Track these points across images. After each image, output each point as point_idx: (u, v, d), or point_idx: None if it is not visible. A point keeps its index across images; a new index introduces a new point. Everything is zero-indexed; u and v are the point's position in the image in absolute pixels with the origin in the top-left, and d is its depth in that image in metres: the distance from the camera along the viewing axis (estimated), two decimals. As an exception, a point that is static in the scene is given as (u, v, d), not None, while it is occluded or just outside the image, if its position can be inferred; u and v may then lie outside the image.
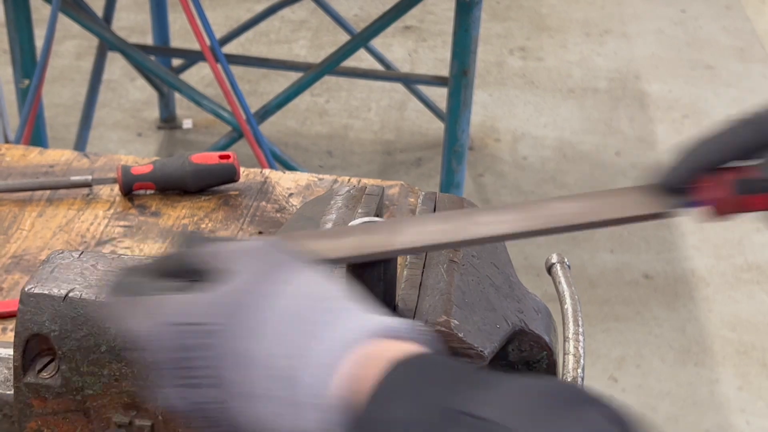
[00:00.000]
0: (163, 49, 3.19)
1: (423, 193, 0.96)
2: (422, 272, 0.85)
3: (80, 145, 2.86)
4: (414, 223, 0.79)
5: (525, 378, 0.60)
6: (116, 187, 1.26)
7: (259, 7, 3.53)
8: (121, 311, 0.66)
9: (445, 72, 2.66)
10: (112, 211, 1.23)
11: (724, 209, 0.75)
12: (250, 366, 0.61)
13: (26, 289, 0.80)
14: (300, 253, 0.67)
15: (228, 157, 1.26)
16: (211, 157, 1.26)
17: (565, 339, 0.87)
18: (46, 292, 0.80)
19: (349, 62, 2.80)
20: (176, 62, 3.27)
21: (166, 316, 0.63)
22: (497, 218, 0.77)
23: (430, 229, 0.77)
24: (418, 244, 0.76)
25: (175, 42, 3.42)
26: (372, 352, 0.60)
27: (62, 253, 0.84)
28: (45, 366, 0.81)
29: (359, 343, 0.60)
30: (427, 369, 0.59)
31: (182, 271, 0.67)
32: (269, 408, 0.60)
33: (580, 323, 0.88)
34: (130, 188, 1.25)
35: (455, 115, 2.56)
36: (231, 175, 1.26)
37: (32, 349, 0.81)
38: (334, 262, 0.75)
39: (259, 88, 3.57)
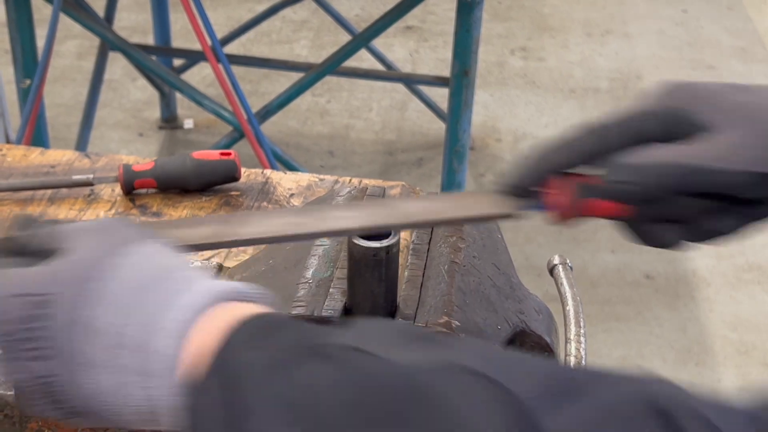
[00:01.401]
0: (164, 49, 3.19)
1: (424, 193, 0.96)
2: (423, 273, 0.85)
3: (81, 145, 2.87)
4: (266, 215, 0.81)
5: (384, 320, 0.61)
6: (118, 188, 1.26)
7: (261, 7, 3.53)
8: None
9: (446, 72, 2.66)
10: (113, 211, 1.23)
11: (566, 213, 0.75)
12: (91, 335, 0.60)
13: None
14: (143, 228, 0.67)
15: (229, 154, 1.26)
16: (213, 155, 1.26)
17: (567, 340, 0.87)
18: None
19: (351, 62, 2.80)
20: (177, 62, 3.27)
21: (3, 288, 0.62)
22: (348, 213, 0.79)
23: (281, 221, 0.78)
24: (263, 234, 0.77)
25: (177, 42, 3.43)
26: (220, 313, 0.60)
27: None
28: (46, 366, 0.81)
29: (207, 308, 0.60)
30: (278, 324, 0.59)
31: (20, 251, 0.66)
32: (115, 378, 0.60)
33: (581, 325, 0.88)
34: (132, 186, 1.25)
35: (456, 115, 2.56)
36: (232, 172, 1.26)
37: (33, 350, 0.81)
38: (186, 247, 0.76)
39: (261, 88, 3.57)
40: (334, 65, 2.63)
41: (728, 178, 0.72)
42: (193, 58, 3.16)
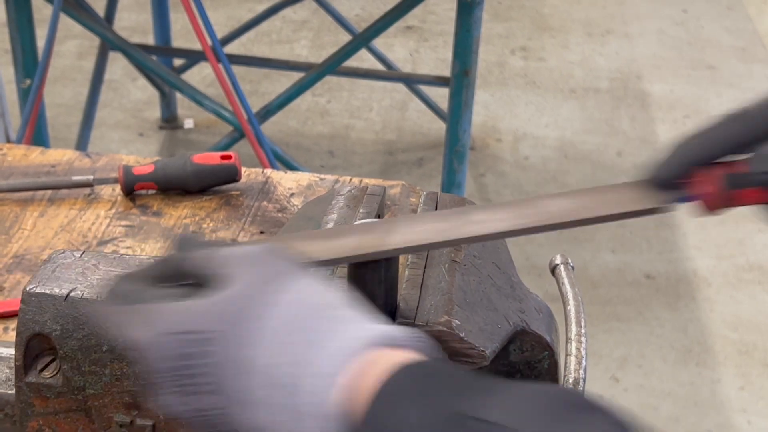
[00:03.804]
0: (164, 49, 3.19)
1: (424, 193, 0.96)
2: (423, 272, 0.85)
3: (82, 144, 2.87)
4: (409, 222, 0.80)
5: (529, 384, 0.60)
6: (118, 187, 1.26)
7: (261, 7, 3.53)
8: (118, 320, 0.66)
9: (446, 72, 2.66)
10: (113, 210, 1.23)
11: (714, 204, 0.75)
12: (249, 373, 0.61)
13: (28, 289, 0.80)
14: (297, 259, 0.67)
15: (229, 157, 1.26)
16: (213, 158, 1.26)
17: (568, 340, 0.87)
18: (48, 291, 0.80)
19: (351, 62, 2.80)
20: (178, 62, 3.27)
21: (164, 324, 0.63)
22: (492, 216, 0.77)
23: (425, 227, 0.77)
24: (412, 243, 0.76)
25: (177, 42, 3.42)
26: (373, 360, 0.60)
27: (64, 252, 0.84)
28: (46, 365, 0.81)
29: (360, 352, 0.60)
30: (430, 375, 0.59)
31: (178, 275, 0.67)
32: (269, 415, 0.60)
33: (582, 325, 0.88)
34: (132, 188, 1.25)
35: (457, 115, 2.56)
36: (232, 176, 1.26)
37: (34, 349, 0.81)
38: (330, 263, 0.75)
39: (261, 88, 3.57)
40: (334, 65, 2.63)
41: None
42: (193, 58, 3.16)
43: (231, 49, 3.25)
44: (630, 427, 0.54)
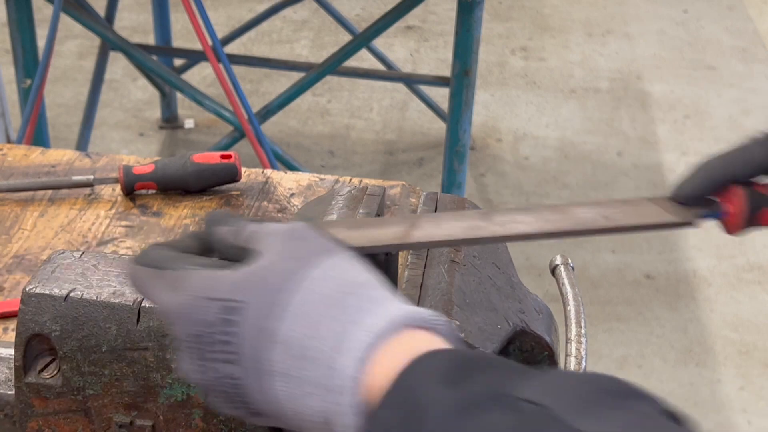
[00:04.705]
0: (165, 48, 3.19)
1: (424, 193, 0.96)
2: (423, 272, 0.85)
3: (82, 144, 2.87)
4: (431, 219, 0.80)
5: (573, 371, 0.59)
6: (118, 187, 1.26)
7: (261, 7, 3.53)
8: (145, 282, 0.66)
9: (446, 72, 2.66)
10: (113, 211, 1.23)
11: (737, 223, 0.78)
12: (276, 345, 0.61)
13: (27, 289, 0.80)
14: (329, 236, 0.67)
15: (229, 156, 1.26)
16: (213, 157, 1.26)
17: (568, 341, 0.87)
18: (48, 292, 0.80)
19: (351, 62, 2.80)
20: (178, 62, 3.27)
21: (192, 289, 0.63)
22: (524, 218, 0.78)
23: (448, 224, 0.78)
24: (445, 238, 0.76)
25: (177, 42, 3.43)
26: (406, 340, 0.60)
27: (63, 253, 0.84)
28: (46, 366, 0.81)
29: (394, 331, 0.60)
30: (472, 361, 0.58)
31: (209, 248, 0.67)
32: (295, 387, 0.60)
33: (582, 325, 0.88)
34: (132, 188, 1.25)
35: (457, 115, 2.56)
36: (233, 175, 1.26)
37: (33, 349, 0.81)
38: (361, 250, 0.76)
39: (261, 87, 3.57)
40: (334, 65, 2.63)
41: None
42: (193, 57, 3.16)
43: (231, 49, 3.25)
44: (676, 413, 0.54)
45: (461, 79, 2.51)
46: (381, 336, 0.59)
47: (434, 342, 0.60)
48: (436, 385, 0.56)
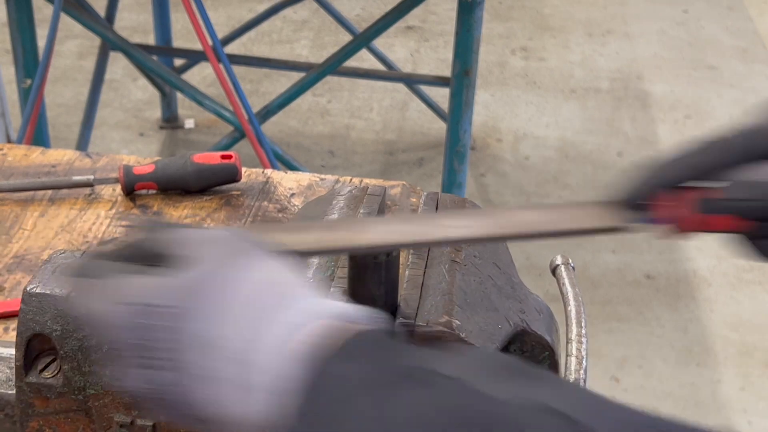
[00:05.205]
0: (165, 48, 3.19)
1: (425, 193, 0.96)
2: (424, 272, 0.85)
3: (82, 144, 2.87)
4: (378, 222, 0.81)
5: (484, 349, 0.61)
6: (118, 187, 1.26)
7: (261, 7, 3.53)
8: (81, 293, 0.66)
9: (447, 72, 2.66)
10: (114, 211, 1.23)
11: (684, 227, 0.76)
12: (206, 349, 0.61)
13: (28, 289, 0.80)
14: (262, 242, 0.67)
15: (230, 157, 1.26)
16: (213, 157, 1.26)
17: (568, 341, 0.87)
18: (48, 291, 0.80)
19: (351, 62, 2.80)
20: (178, 62, 3.27)
21: (125, 297, 0.63)
22: (461, 222, 0.78)
23: (395, 228, 0.78)
24: (382, 242, 0.77)
25: (177, 42, 3.42)
26: (322, 330, 0.60)
27: (64, 252, 0.84)
28: (47, 365, 0.81)
29: (310, 324, 0.61)
30: (381, 340, 0.60)
31: (143, 256, 0.67)
32: (223, 391, 0.61)
33: (583, 325, 0.88)
34: (132, 188, 1.25)
35: (457, 115, 2.56)
36: (233, 175, 1.26)
37: (34, 349, 0.81)
38: (300, 253, 0.76)
39: (261, 88, 3.57)
40: (334, 65, 2.63)
41: None
42: (193, 57, 3.16)
43: (231, 49, 3.25)
44: (574, 387, 0.57)
45: (461, 79, 2.51)
46: (295, 329, 0.60)
47: (354, 329, 0.61)
48: (342, 363, 0.57)
